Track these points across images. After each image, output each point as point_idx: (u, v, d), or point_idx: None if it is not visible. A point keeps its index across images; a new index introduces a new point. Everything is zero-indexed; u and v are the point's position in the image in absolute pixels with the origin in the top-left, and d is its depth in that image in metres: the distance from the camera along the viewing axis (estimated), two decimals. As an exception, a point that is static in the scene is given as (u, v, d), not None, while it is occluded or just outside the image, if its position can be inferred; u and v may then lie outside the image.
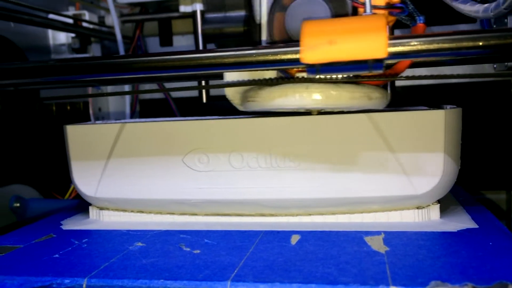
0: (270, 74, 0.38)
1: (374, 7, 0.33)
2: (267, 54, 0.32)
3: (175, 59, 0.34)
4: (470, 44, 0.29)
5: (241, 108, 0.41)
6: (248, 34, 0.39)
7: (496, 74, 0.46)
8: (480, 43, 0.29)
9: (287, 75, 0.38)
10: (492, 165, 0.67)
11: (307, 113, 0.39)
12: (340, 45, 0.29)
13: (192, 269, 0.30)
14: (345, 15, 0.32)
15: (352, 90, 0.36)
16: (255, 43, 0.38)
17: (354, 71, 0.31)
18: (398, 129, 0.37)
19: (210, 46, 0.52)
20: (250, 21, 0.38)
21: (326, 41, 0.29)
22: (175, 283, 0.29)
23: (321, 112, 0.40)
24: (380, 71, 0.30)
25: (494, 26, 0.42)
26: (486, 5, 0.38)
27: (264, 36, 0.37)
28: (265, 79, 0.36)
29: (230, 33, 0.38)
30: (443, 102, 0.41)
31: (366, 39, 0.29)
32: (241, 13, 0.38)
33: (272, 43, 0.38)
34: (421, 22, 0.38)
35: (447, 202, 0.43)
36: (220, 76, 0.37)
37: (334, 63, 0.30)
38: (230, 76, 0.37)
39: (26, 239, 0.39)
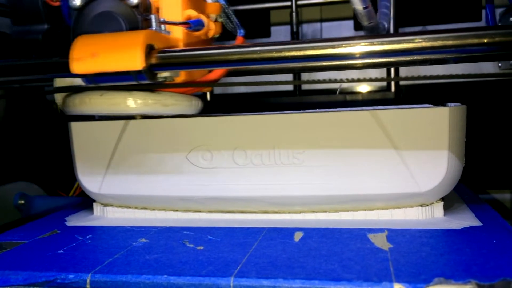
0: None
1: (163, 22, 0.36)
2: (46, 65, 0.36)
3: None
4: (475, 41, 0.29)
5: (65, 112, 0.42)
6: (50, 45, 0.41)
7: (501, 74, 0.46)
8: (485, 40, 0.29)
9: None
10: (497, 164, 0.67)
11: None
12: (101, 58, 0.32)
13: (196, 265, 0.31)
14: (136, 28, 0.34)
15: (144, 97, 0.38)
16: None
17: (123, 81, 0.33)
18: (402, 126, 0.37)
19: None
20: (55, 32, 0.41)
21: (89, 54, 0.32)
22: (178, 278, 0.29)
23: (144, 117, 0.42)
24: (145, 81, 0.33)
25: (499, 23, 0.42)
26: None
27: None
28: (66, 87, 0.39)
29: (31, 44, 0.40)
30: (447, 100, 0.40)
31: (123, 52, 0.32)
32: (43, 26, 0.40)
33: None
34: (241, 35, 0.43)
35: (451, 200, 0.43)
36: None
37: (104, 73, 0.32)
38: (60, 82, 0.39)
39: (30, 235, 0.40)
